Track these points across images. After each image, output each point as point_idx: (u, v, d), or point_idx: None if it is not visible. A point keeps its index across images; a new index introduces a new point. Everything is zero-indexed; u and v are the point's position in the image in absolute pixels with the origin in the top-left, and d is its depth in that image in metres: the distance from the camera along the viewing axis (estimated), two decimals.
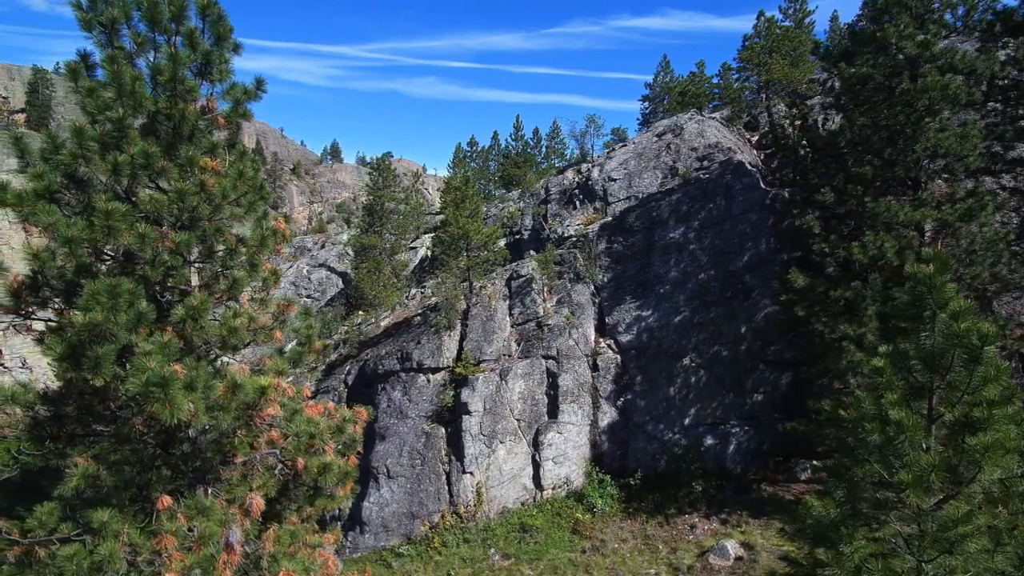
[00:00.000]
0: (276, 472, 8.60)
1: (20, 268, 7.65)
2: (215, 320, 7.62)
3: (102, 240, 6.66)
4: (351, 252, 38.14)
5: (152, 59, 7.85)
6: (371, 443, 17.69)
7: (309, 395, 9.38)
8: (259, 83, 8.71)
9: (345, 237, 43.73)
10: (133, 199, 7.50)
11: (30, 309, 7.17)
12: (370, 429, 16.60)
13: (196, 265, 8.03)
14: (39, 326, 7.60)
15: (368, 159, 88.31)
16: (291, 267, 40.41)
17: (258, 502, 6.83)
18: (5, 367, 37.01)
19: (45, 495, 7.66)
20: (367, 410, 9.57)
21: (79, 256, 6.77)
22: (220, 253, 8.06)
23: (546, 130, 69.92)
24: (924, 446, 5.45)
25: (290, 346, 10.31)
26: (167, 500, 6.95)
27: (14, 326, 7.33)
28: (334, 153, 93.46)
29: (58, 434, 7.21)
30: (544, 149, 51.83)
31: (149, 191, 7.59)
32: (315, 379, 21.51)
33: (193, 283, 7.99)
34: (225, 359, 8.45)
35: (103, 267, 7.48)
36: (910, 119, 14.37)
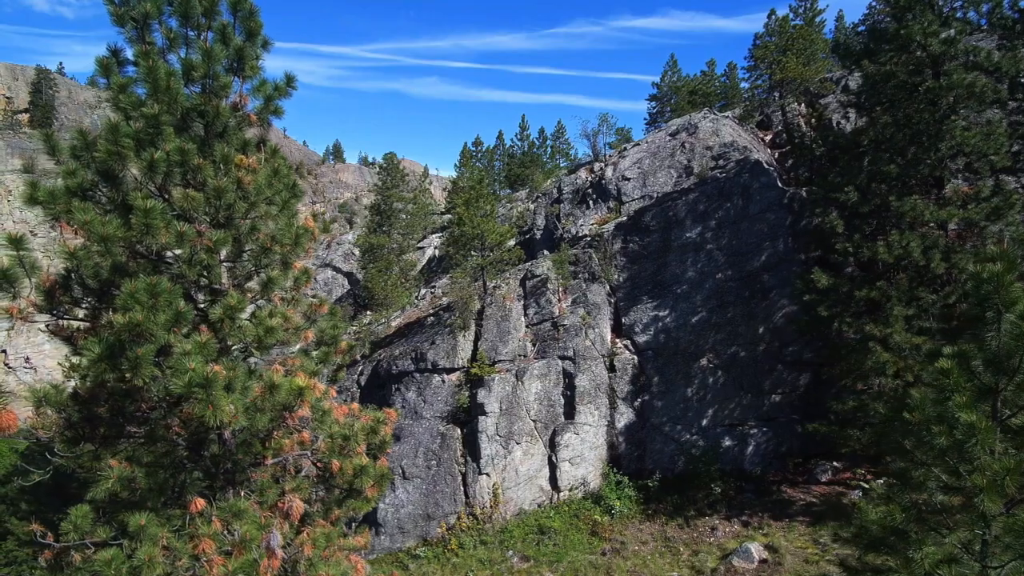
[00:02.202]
0: (305, 474, 8.49)
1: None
2: (249, 320, 7.49)
3: (139, 239, 6.52)
4: (357, 252, 38.00)
5: (183, 55, 7.73)
6: None
7: (335, 395, 9.27)
8: (289, 80, 8.59)
9: (351, 237, 43.62)
10: (166, 197, 7.37)
11: (63, 308, 7.03)
12: None
13: (226, 264, 7.90)
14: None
15: (371, 159, 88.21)
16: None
17: (298, 505, 6.71)
18: (9, 367, 36.91)
19: (72, 497, 7.51)
20: (395, 411, 9.48)
21: (115, 255, 6.63)
22: (252, 252, 7.93)
23: (551, 130, 69.84)
24: (990, 450, 5.32)
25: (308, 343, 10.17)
26: (200, 503, 6.82)
27: (47, 326, 7.19)
28: (336, 153, 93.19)
29: (92, 436, 7.07)
30: (549, 149, 51.82)
31: (182, 188, 7.46)
32: (329, 379, 21.36)
33: (223, 282, 7.86)
34: (254, 359, 8.33)
35: (134, 266, 7.35)
36: (934, 117, 14.26)
